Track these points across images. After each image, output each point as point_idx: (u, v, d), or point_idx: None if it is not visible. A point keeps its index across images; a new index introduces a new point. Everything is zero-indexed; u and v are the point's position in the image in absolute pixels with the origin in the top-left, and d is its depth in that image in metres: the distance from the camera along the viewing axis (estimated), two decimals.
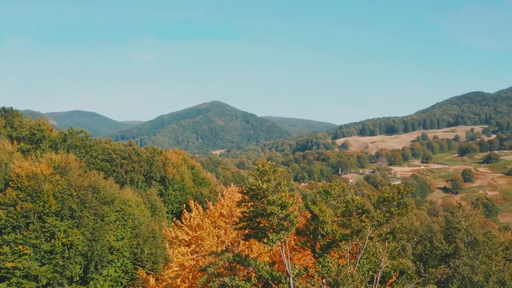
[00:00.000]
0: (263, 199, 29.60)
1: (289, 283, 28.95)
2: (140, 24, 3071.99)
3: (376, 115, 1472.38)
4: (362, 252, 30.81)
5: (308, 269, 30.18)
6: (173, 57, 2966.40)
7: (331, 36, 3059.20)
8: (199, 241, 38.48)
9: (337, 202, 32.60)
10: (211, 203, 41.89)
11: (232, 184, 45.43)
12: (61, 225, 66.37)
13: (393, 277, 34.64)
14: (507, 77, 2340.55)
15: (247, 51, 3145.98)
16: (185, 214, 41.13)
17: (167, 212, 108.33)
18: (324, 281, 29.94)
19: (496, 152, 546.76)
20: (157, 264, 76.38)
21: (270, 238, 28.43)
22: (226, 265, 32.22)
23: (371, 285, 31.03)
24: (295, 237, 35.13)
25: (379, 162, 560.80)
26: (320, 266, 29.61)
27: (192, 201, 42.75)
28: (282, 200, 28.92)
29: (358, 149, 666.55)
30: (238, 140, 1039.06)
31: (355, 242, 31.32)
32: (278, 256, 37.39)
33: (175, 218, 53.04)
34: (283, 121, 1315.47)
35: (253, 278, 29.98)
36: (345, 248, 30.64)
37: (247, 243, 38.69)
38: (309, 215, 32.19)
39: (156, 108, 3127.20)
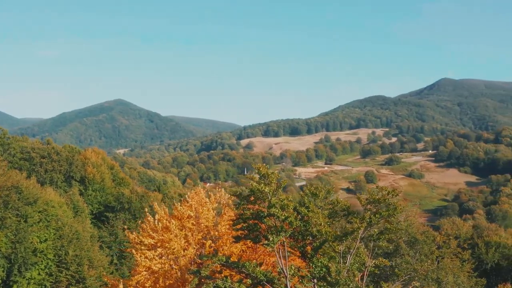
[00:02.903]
0: (261, 202, 29.78)
1: (286, 284, 29.14)
2: (46, 20, 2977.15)
3: (280, 116, 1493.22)
4: (353, 252, 31.42)
5: (300, 270, 30.54)
6: (77, 54, 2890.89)
7: (235, 37, 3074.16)
8: (166, 244, 37.84)
9: (324, 204, 33.19)
10: (178, 204, 41.20)
11: (199, 186, 44.91)
12: None
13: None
14: (407, 82, 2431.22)
15: (151, 50, 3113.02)
16: (149, 217, 40.27)
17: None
18: (315, 281, 30.31)
19: (397, 154, 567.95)
20: (82, 267, 74.65)
21: (271, 239, 28.56)
22: (218, 268, 31.87)
23: (361, 282, 31.81)
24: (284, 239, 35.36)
25: (284, 163, 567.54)
26: (313, 266, 29.98)
27: (155, 203, 41.93)
28: (283, 202, 29.15)
29: (263, 150, 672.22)
30: (142, 139, 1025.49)
31: (347, 243, 31.82)
32: (262, 256, 37.66)
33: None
34: (187, 120, 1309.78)
35: (248, 281, 30.00)
36: (339, 249, 31.14)
37: (238, 245, 38.54)
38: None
39: (58, 105, 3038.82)
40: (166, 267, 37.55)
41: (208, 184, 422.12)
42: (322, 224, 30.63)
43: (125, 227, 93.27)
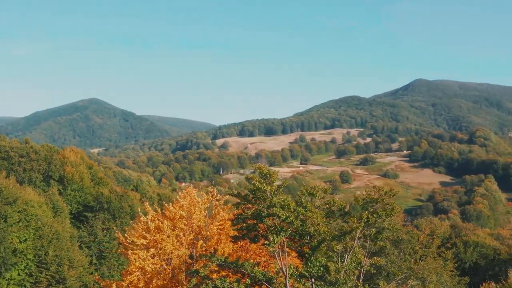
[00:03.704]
0: (261, 202, 29.80)
1: (285, 283, 29.19)
2: (19, 19, 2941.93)
3: (255, 116, 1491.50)
4: (351, 251, 31.56)
5: (298, 269, 30.62)
6: (51, 53, 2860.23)
7: (208, 37, 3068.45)
8: (158, 244, 37.66)
9: (321, 204, 33.32)
10: (171, 204, 41.01)
11: (191, 185, 44.71)
12: None
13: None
14: (381, 83, 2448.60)
15: (126, 49, 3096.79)
16: (142, 217, 40.00)
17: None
18: (313, 280, 30.41)
19: (372, 154, 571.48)
20: (62, 267, 74.13)
21: (272, 239, 28.58)
22: (216, 268, 31.81)
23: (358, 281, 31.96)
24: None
25: (259, 163, 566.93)
26: (311, 265, 30.06)
27: (146, 203, 41.67)
28: (284, 202, 29.20)
29: (238, 149, 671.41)
30: (117, 138, 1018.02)
31: (345, 242, 31.95)
32: (254, 256, 37.67)
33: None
34: (162, 120, 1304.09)
35: (247, 281, 30.00)
36: (337, 248, 31.27)
37: (230, 245, 38.51)
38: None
39: (32, 104, 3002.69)
40: (159, 268, 37.40)
41: (183, 183, 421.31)
42: (320, 224, 30.77)
43: (105, 227, 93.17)
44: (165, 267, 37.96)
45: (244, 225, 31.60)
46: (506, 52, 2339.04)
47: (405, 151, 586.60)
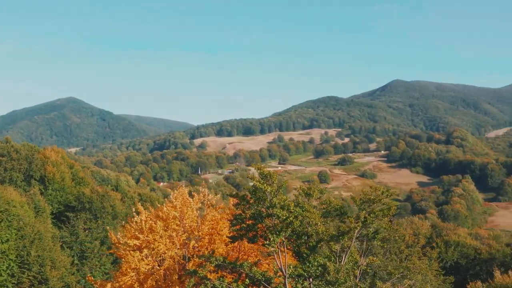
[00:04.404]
0: (261, 202, 29.83)
1: (284, 283, 29.22)
2: None
3: (234, 116, 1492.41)
4: (349, 251, 31.69)
5: (297, 269, 30.66)
6: (28, 52, 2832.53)
7: (184, 36, 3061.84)
8: (151, 245, 37.45)
9: (318, 204, 33.41)
10: (164, 204, 40.83)
11: (183, 185, 44.51)
12: None
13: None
14: (360, 83, 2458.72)
15: (103, 49, 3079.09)
16: (136, 217, 39.75)
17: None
18: (311, 280, 30.45)
19: (350, 154, 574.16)
20: (44, 267, 73.54)
21: (272, 239, 28.59)
22: (213, 269, 31.72)
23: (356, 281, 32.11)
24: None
25: (238, 163, 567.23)
26: (309, 265, 30.12)
27: (139, 204, 41.40)
28: (284, 202, 29.25)
29: (216, 149, 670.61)
30: (94, 138, 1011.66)
31: (342, 242, 32.05)
32: (246, 256, 37.69)
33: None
34: (140, 119, 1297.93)
35: (246, 280, 29.97)
36: (335, 248, 31.37)
37: (223, 245, 38.45)
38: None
39: (9, 103, 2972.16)
40: (153, 269, 37.26)
41: (161, 183, 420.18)
42: (318, 224, 30.90)
43: (86, 227, 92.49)
44: (158, 267, 37.83)
45: (244, 225, 31.59)
46: (483, 53, 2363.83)
47: (382, 151, 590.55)
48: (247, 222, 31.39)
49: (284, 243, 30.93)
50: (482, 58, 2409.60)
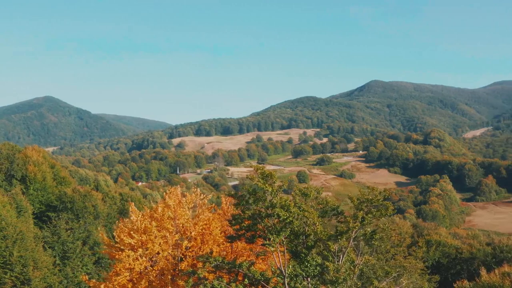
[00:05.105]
0: (261, 202, 29.86)
1: (283, 283, 29.29)
2: None
3: (212, 116, 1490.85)
4: (346, 251, 31.87)
5: (296, 268, 30.75)
6: (4, 50, 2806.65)
7: (165, 37, 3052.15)
8: (145, 245, 37.37)
9: (314, 204, 33.53)
10: (159, 204, 40.70)
11: (178, 186, 44.35)
12: None
13: None
14: (338, 84, 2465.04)
15: (82, 48, 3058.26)
16: (132, 217, 39.57)
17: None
18: (309, 279, 30.57)
19: (329, 154, 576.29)
20: (26, 268, 73.02)
21: (272, 239, 28.65)
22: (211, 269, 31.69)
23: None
24: None
25: (216, 163, 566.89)
26: (307, 265, 30.24)
27: (132, 204, 41.19)
28: (285, 202, 29.32)
29: (195, 149, 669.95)
30: (72, 137, 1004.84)
31: (340, 242, 32.20)
32: (239, 256, 37.74)
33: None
34: (118, 119, 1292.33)
35: (245, 281, 29.99)
36: (333, 248, 31.51)
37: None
38: None
39: None
40: (147, 269, 37.19)
41: (140, 183, 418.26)
42: (317, 224, 31.04)
43: (68, 227, 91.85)
44: (151, 267, 37.76)
45: (244, 225, 31.63)
46: (461, 53, 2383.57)
47: (361, 152, 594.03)
48: (246, 222, 31.45)
49: (284, 242, 31.04)
50: (460, 58, 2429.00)
